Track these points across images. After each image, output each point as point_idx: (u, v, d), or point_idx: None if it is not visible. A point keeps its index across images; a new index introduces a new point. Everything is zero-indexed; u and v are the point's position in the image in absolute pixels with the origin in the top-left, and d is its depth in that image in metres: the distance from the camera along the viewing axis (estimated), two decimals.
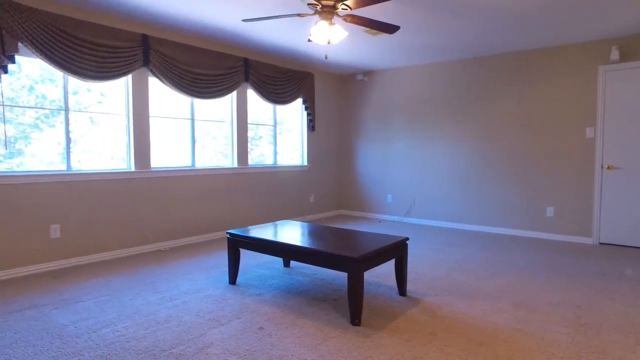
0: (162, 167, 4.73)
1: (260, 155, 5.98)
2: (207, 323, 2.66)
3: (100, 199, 4.15)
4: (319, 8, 3.20)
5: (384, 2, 3.03)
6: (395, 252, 3.04)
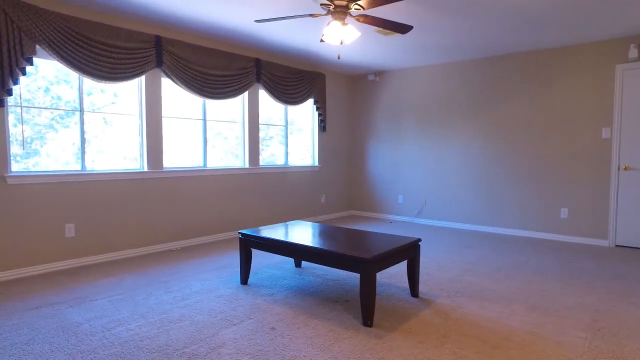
0: (174, 167, 4.77)
1: (271, 156, 6.00)
2: (219, 323, 2.67)
3: (114, 199, 4.20)
4: (332, 8, 3.20)
5: (397, 2, 3.01)
6: (408, 253, 3.02)
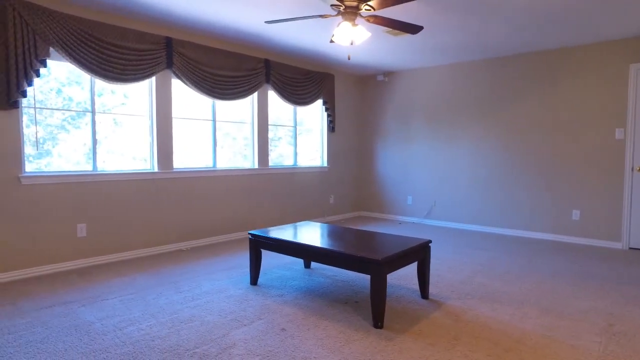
0: (184, 167, 4.79)
1: (279, 156, 6.00)
2: (229, 323, 2.67)
3: (125, 199, 4.23)
4: (342, 9, 3.19)
5: (408, 2, 2.99)
6: (418, 254, 3.00)
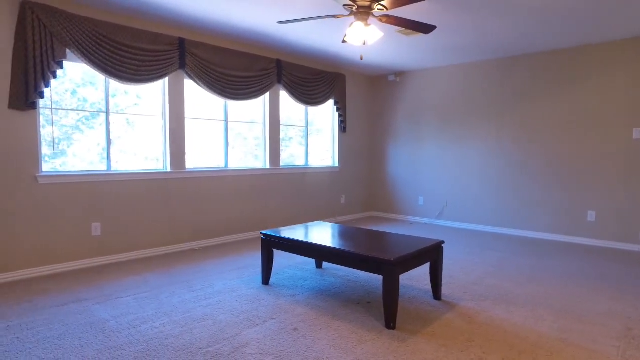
0: (196, 167, 4.83)
1: (290, 157, 6.01)
2: (242, 323, 2.68)
3: (138, 199, 4.27)
4: (355, 9, 3.18)
5: (420, 2, 2.98)
6: (431, 255, 2.98)
